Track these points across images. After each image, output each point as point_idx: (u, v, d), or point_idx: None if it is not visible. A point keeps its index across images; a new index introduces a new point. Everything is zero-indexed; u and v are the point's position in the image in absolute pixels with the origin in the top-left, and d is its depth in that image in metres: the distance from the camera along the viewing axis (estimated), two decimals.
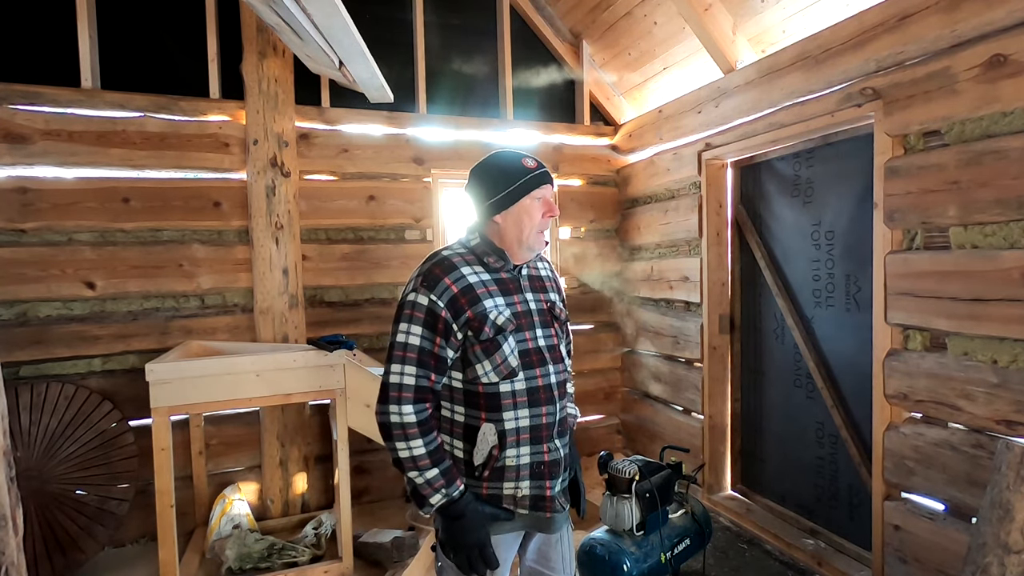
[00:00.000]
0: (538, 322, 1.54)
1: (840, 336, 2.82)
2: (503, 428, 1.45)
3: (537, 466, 1.49)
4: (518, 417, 1.47)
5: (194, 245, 3.32)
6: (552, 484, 1.52)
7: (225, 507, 3.13)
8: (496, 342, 1.45)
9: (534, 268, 1.63)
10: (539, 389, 1.49)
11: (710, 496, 3.46)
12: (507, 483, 1.48)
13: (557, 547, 1.63)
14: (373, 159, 3.69)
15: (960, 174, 2.09)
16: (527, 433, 1.47)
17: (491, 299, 1.47)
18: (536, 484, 1.50)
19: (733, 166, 3.43)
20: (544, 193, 1.54)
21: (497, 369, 1.45)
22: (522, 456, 1.48)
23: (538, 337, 1.53)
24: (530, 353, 1.50)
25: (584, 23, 4.05)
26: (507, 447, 1.46)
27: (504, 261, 1.52)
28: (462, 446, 1.50)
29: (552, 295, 1.63)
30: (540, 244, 1.56)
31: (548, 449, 1.51)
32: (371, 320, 3.69)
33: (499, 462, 1.46)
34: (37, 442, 2.85)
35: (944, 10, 2.12)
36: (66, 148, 3.08)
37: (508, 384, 1.46)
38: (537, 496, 1.50)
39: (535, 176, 1.52)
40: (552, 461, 1.51)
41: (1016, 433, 1.94)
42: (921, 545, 2.26)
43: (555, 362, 1.55)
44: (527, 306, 1.54)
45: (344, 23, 2.40)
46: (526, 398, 1.47)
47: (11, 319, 3.03)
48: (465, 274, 1.47)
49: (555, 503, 1.53)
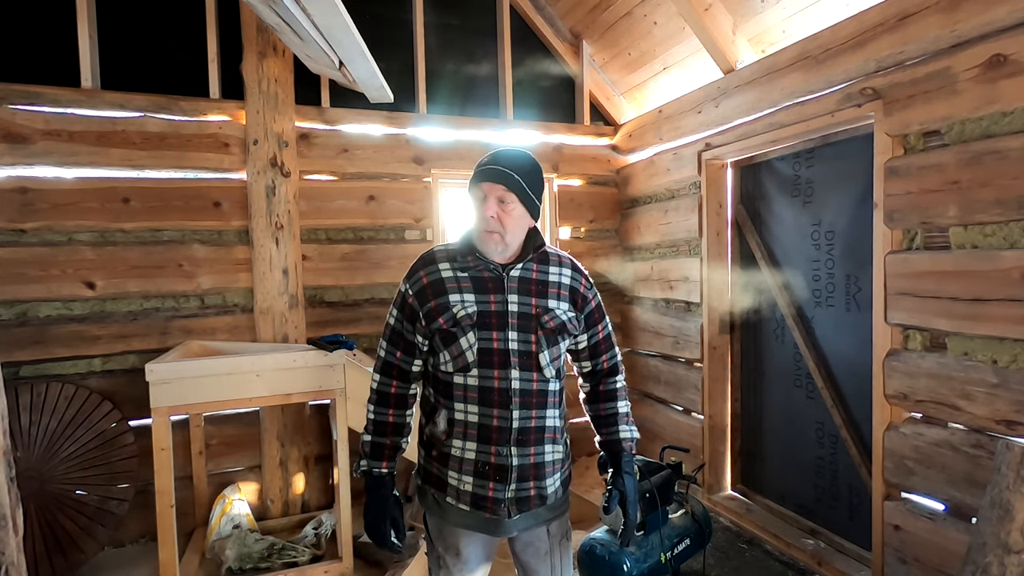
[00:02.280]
0: (513, 325, 1.49)
1: (840, 336, 2.82)
2: (452, 417, 1.51)
3: (482, 465, 1.50)
4: (467, 411, 1.50)
5: (194, 245, 3.32)
6: (497, 487, 1.49)
7: (225, 507, 3.13)
8: (452, 334, 1.48)
9: (538, 271, 1.55)
10: (493, 390, 1.48)
11: (710, 496, 3.46)
12: (451, 472, 1.52)
13: (545, 560, 1.62)
14: (373, 159, 3.69)
15: (960, 174, 2.09)
16: (474, 430, 1.50)
17: (458, 294, 1.50)
18: (479, 483, 1.50)
19: (733, 166, 3.43)
20: (487, 192, 1.48)
21: (454, 360, 1.50)
22: (467, 451, 1.50)
23: (508, 340, 1.48)
24: (492, 353, 1.48)
25: (584, 23, 4.05)
26: (453, 436, 1.51)
27: (480, 260, 1.51)
28: (424, 423, 1.62)
29: (553, 302, 1.54)
30: (486, 244, 1.49)
31: (496, 452, 1.48)
32: (371, 320, 3.69)
33: (445, 447, 1.52)
34: (37, 442, 2.85)
35: (944, 10, 2.12)
36: (66, 148, 3.08)
37: (461, 377, 1.50)
38: (479, 496, 1.51)
39: (478, 171, 1.51)
40: (499, 465, 1.49)
41: (1016, 433, 1.94)
42: (921, 545, 2.26)
43: (524, 368, 1.49)
44: (503, 307, 1.49)
45: (344, 23, 2.40)
46: (476, 395, 1.49)
47: (11, 319, 3.03)
48: (440, 269, 1.54)
49: (499, 506, 1.50)
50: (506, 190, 1.47)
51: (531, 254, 1.55)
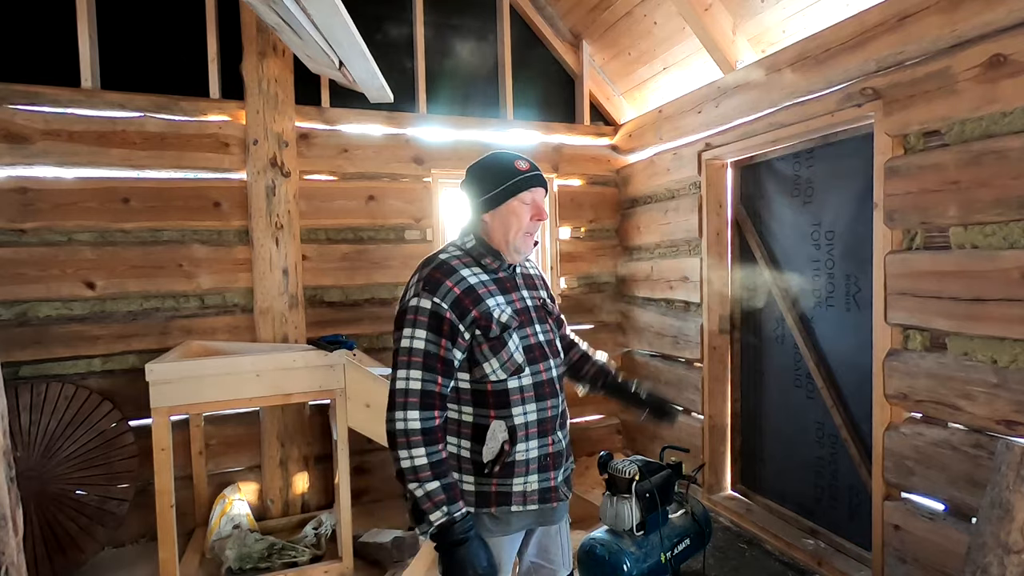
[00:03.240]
0: (536, 318, 1.60)
1: (840, 336, 2.82)
2: (512, 424, 1.49)
3: (544, 458, 1.54)
4: (526, 412, 1.51)
5: (194, 245, 3.32)
6: (556, 474, 1.57)
7: (225, 507, 3.13)
8: (502, 339, 1.48)
9: (529, 268, 1.71)
10: (544, 383, 1.55)
11: (710, 496, 3.46)
12: (516, 479, 1.51)
13: (556, 539, 1.69)
14: (373, 159, 3.69)
15: (960, 174, 2.09)
16: (535, 427, 1.52)
17: (492, 298, 1.51)
18: (543, 476, 1.55)
19: (733, 166, 3.43)
20: (534, 196, 1.56)
21: (504, 366, 1.48)
22: (531, 450, 1.52)
23: (537, 333, 1.58)
24: (533, 348, 1.55)
25: (584, 23, 4.05)
26: (517, 442, 1.50)
27: (500, 261, 1.57)
28: (470, 446, 1.51)
29: (543, 292, 1.70)
30: (527, 247, 1.59)
31: (553, 441, 1.56)
32: (371, 320, 3.69)
33: (510, 457, 1.49)
34: (37, 442, 2.85)
35: (944, 10, 2.12)
36: (66, 148, 3.08)
37: (516, 380, 1.50)
38: (544, 488, 1.55)
39: (525, 178, 1.54)
40: (556, 452, 1.57)
41: (1016, 433, 1.94)
42: (921, 545, 2.26)
43: (554, 356, 1.61)
44: (525, 303, 1.59)
45: (344, 23, 2.40)
46: (533, 393, 1.52)
47: (11, 319, 3.03)
48: (465, 276, 1.49)
49: (559, 492, 1.59)
50: (544, 193, 1.61)
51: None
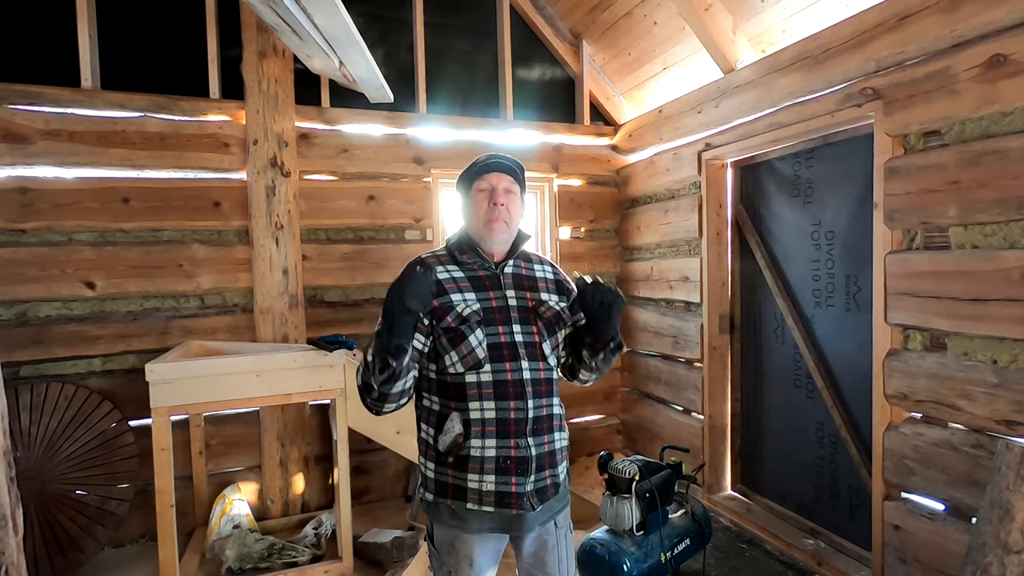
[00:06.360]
0: (516, 318, 1.57)
1: (840, 336, 2.82)
2: (467, 417, 1.50)
3: (503, 460, 1.50)
4: (484, 408, 1.50)
5: (194, 245, 3.32)
6: (519, 481, 1.51)
7: (225, 507, 3.13)
8: (461, 332, 1.50)
9: (526, 268, 1.66)
10: (507, 383, 1.51)
11: (710, 496, 3.46)
12: (471, 475, 1.50)
13: (553, 552, 1.63)
14: (373, 159, 3.69)
15: (960, 174, 2.09)
16: (493, 426, 1.50)
17: (460, 293, 1.54)
18: (502, 480, 1.50)
19: (733, 166, 3.43)
20: (491, 182, 1.57)
21: (463, 360, 1.50)
22: (487, 448, 1.50)
23: (513, 332, 1.55)
24: (501, 347, 1.53)
25: (584, 23, 4.05)
26: (471, 436, 1.50)
27: (479, 258, 1.58)
28: (433, 434, 1.56)
29: (545, 295, 1.63)
30: (490, 232, 1.56)
31: (516, 445, 1.51)
32: (371, 320, 3.69)
33: (463, 451, 1.50)
34: (37, 442, 2.85)
35: (944, 10, 2.12)
36: (66, 148, 3.08)
37: (474, 375, 1.50)
38: (503, 492, 1.50)
39: (481, 165, 1.58)
40: (519, 458, 1.51)
41: (1016, 433, 1.94)
42: (921, 545, 2.26)
43: (531, 359, 1.55)
44: (504, 302, 1.57)
45: (344, 23, 2.40)
46: (492, 390, 1.51)
47: (11, 319, 3.03)
48: (437, 271, 1.54)
49: (523, 500, 1.51)
50: (512, 181, 1.59)
51: (519, 250, 1.65)
